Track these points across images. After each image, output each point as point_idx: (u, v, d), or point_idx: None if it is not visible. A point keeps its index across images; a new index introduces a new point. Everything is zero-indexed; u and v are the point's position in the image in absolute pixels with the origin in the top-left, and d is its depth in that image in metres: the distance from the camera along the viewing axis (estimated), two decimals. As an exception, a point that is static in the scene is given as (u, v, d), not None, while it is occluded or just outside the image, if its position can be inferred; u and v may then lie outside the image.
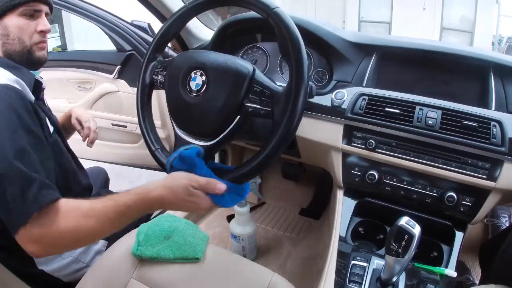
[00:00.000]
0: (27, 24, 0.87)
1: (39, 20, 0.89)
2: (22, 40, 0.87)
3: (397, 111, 0.93)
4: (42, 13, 0.90)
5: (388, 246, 0.69)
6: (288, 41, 0.68)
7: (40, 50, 0.91)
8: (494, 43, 9.32)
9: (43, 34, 0.91)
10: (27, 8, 0.86)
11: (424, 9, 9.31)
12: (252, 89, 0.70)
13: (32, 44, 0.88)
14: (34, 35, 0.89)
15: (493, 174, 0.87)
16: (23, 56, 0.88)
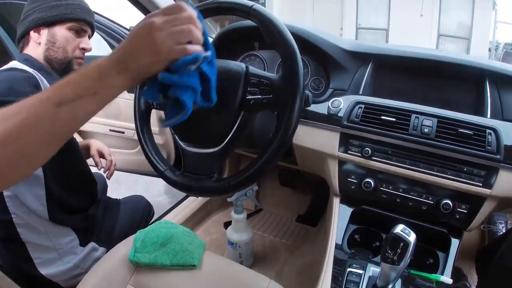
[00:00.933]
0: (73, 38, 0.99)
1: (83, 38, 1.01)
2: (65, 50, 0.98)
3: (393, 119, 0.94)
4: (87, 33, 1.02)
5: (384, 254, 0.70)
6: (273, 31, 0.69)
7: (77, 65, 1.01)
8: (491, 49, 9.40)
9: (84, 51, 1.02)
10: (76, 25, 0.98)
11: (421, 16, 9.39)
12: (249, 82, 0.71)
13: (73, 57, 0.99)
14: (77, 50, 1.00)
15: (488, 181, 0.88)
16: (62, 65, 0.98)
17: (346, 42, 1.14)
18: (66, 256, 1.02)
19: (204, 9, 0.81)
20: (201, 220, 1.67)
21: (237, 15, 0.77)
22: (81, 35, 1.01)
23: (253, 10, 0.72)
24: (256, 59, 1.25)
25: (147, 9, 1.21)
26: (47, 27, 0.96)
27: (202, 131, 0.74)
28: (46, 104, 0.45)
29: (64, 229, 1.02)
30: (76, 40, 0.99)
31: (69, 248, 1.02)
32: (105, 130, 1.84)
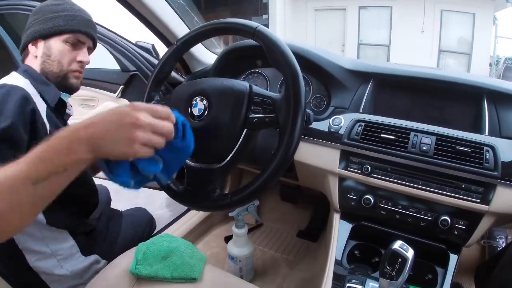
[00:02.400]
0: (69, 51, 0.95)
1: (81, 51, 0.97)
2: (61, 64, 0.95)
3: (392, 137, 0.96)
4: (85, 45, 0.99)
5: (382, 269, 0.71)
6: (276, 52, 0.72)
7: (74, 78, 0.98)
8: (491, 64, 9.44)
9: (82, 64, 0.98)
10: (72, 37, 0.95)
11: (422, 32, 9.47)
12: (252, 101, 0.74)
13: (69, 70, 0.96)
14: (73, 63, 0.96)
15: (486, 197, 0.89)
16: (57, 78, 0.96)
17: (347, 61, 1.17)
18: (66, 263, 1.00)
19: (210, 28, 0.84)
20: (202, 234, 1.68)
21: (241, 35, 0.80)
22: (78, 48, 0.97)
23: (258, 31, 0.75)
24: (259, 76, 1.28)
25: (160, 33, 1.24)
26: (43, 40, 0.95)
27: (206, 147, 0.76)
28: (24, 183, 0.49)
29: (62, 234, 1.00)
30: (72, 53, 0.96)
31: (69, 255, 1.01)
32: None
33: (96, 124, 0.52)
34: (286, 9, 10.49)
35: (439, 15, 9.32)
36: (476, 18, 9.11)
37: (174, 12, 1.24)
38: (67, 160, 0.51)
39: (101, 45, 1.76)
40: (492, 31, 9.41)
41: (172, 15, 1.22)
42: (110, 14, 1.85)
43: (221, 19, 0.82)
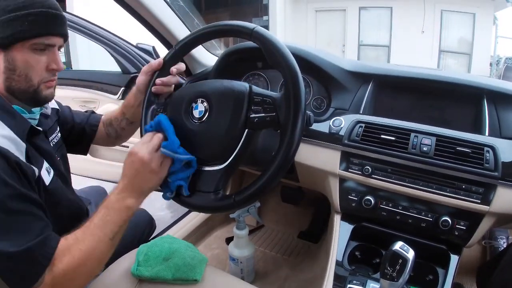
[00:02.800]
0: (36, 60, 0.75)
1: (52, 55, 0.78)
2: (29, 78, 0.75)
3: (393, 138, 0.96)
4: (55, 48, 0.78)
5: (383, 270, 0.71)
6: (274, 52, 0.73)
7: (47, 89, 0.80)
8: (492, 64, 9.44)
9: (54, 72, 0.80)
10: (38, 42, 0.74)
11: (422, 33, 9.47)
12: (253, 101, 0.74)
13: (40, 82, 0.77)
14: (44, 72, 0.77)
15: (486, 198, 0.89)
16: (27, 94, 0.77)
17: (347, 62, 1.18)
18: None
19: (208, 31, 0.84)
20: (203, 235, 1.68)
21: (240, 37, 0.81)
22: (48, 52, 0.77)
23: (255, 32, 0.75)
24: (260, 78, 1.28)
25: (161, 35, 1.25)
26: (3, 51, 0.73)
27: (208, 149, 0.76)
28: (107, 243, 0.72)
29: None
30: (42, 62, 0.76)
31: None
32: (109, 144, 1.87)
33: (127, 182, 0.75)
34: (286, 10, 10.50)
35: (439, 15, 9.32)
36: (476, 18, 9.11)
37: (175, 15, 1.24)
38: (128, 213, 0.75)
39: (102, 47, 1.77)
40: (493, 31, 9.41)
41: (172, 18, 1.23)
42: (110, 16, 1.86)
43: (219, 22, 0.83)
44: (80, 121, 1.07)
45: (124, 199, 0.74)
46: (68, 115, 1.05)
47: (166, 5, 1.20)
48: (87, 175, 1.94)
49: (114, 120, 1.08)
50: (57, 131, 0.95)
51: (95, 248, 0.70)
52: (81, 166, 1.92)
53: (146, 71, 0.92)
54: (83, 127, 1.07)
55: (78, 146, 1.08)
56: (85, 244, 0.69)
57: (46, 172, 0.79)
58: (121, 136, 1.11)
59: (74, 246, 0.69)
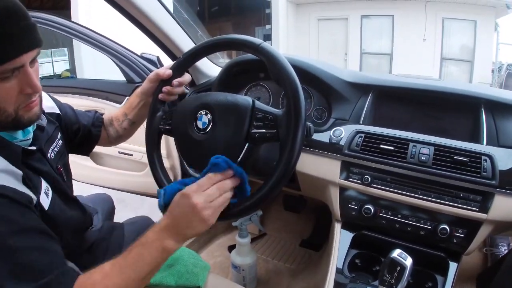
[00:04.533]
0: (4, 89, 0.62)
1: (22, 77, 0.64)
2: (2, 109, 0.64)
3: (391, 147, 0.98)
4: (26, 66, 0.63)
5: (382, 278, 0.73)
6: (278, 67, 0.75)
7: (29, 111, 0.68)
8: (494, 70, 9.44)
9: (30, 95, 0.67)
10: (1, 71, 0.60)
11: (424, 40, 9.50)
12: (255, 116, 0.76)
13: (17, 109, 0.66)
14: (18, 98, 0.65)
15: (484, 206, 0.91)
16: (7, 124, 0.67)
17: (347, 73, 1.20)
18: None
19: (215, 43, 0.87)
20: (206, 243, 1.70)
21: (245, 51, 0.83)
22: (17, 74, 0.63)
23: (261, 47, 0.77)
24: (262, 89, 1.31)
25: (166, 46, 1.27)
26: None
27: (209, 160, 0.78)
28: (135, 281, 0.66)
29: None
30: (12, 89, 0.63)
31: None
32: (114, 152, 1.89)
33: (174, 224, 0.68)
34: (288, 19, 10.57)
35: (441, 23, 9.36)
36: (478, 25, 9.14)
37: (179, 26, 1.27)
38: (164, 256, 0.68)
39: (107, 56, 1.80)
40: (494, 38, 9.42)
41: (177, 29, 1.26)
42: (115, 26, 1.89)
43: (226, 35, 0.85)
44: (86, 122, 1.03)
45: (163, 239, 0.68)
46: (72, 116, 0.99)
47: (171, 17, 1.23)
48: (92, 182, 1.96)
49: (115, 120, 1.07)
50: (58, 139, 0.88)
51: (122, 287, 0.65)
52: (86, 173, 1.94)
53: (152, 79, 0.93)
54: (89, 129, 1.03)
55: (82, 147, 1.05)
56: (112, 281, 0.64)
57: (44, 196, 0.73)
58: (122, 136, 1.09)
59: (100, 282, 0.64)
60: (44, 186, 0.74)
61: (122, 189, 1.90)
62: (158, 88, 0.91)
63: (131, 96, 1.02)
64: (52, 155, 0.84)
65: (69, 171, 0.95)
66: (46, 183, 0.76)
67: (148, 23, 1.17)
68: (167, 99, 0.92)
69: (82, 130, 1.01)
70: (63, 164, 0.90)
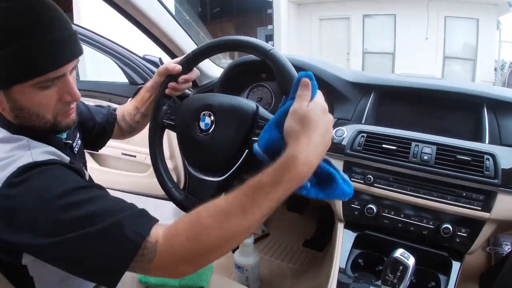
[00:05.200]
0: (45, 97, 0.64)
1: (63, 85, 0.65)
2: (41, 116, 0.66)
3: (394, 147, 0.98)
4: (66, 75, 0.65)
5: (384, 277, 0.73)
6: (285, 77, 0.75)
7: (67, 118, 0.71)
8: (496, 68, 9.40)
9: (69, 103, 0.69)
10: (42, 80, 0.61)
11: (426, 39, 9.48)
12: (257, 124, 0.76)
13: (55, 115, 0.68)
14: (57, 105, 0.67)
15: (487, 205, 0.91)
16: (45, 129, 0.69)
17: (349, 73, 1.20)
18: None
19: (227, 43, 0.86)
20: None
21: (255, 55, 0.82)
22: (57, 82, 0.64)
23: (271, 54, 0.77)
24: (264, 89, 1.31)
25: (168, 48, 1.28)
26: (2, 90, 0.62)
27: (209, 160, 0.79)
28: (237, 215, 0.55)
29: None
30: (52, 97, 0.65)
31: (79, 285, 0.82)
32: (117, 153, 1.89)
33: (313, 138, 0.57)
34: (290, 19, 10.57)
35: (443, 21, 9.33)
36: (480, 23, 9.11)
37: (181, 28, 1.27)
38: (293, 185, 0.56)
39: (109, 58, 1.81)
40: (496, 36, 9.39)
41: (179, 31, 1.26)
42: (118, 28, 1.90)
43: (237, 36, 0.84)
44: (100, 120, 1.02)
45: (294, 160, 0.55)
46: (87, 114, 0.99)
47: (172, 19, 1.23)
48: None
49: (127, 114, 1.07)
50: (77, 138, 0.88)
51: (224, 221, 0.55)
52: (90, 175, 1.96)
53: (161, 72, 0.92)
54: (103, 126, 1.03)
55: (96, 143, 1.06)
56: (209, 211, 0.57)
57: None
58: (135, 129, 1.09)
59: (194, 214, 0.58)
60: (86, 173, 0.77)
61: (125, 190, 1.91)
62: (165, 82, 0.91)
63: (142, 90, 1.02)
64: (75, 153, 0.86)
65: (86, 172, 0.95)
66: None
67: (150, 25, 1.17)
68: (172, 94, 0.92)
69: (97, 127, 1.01)
70: (82, 163, 0.90)
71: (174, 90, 0.91)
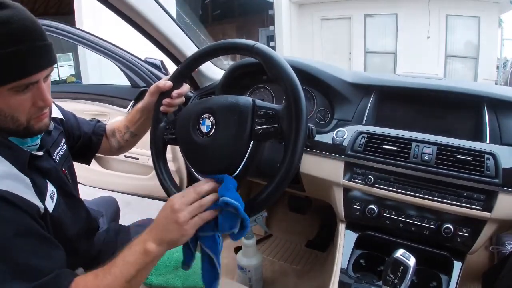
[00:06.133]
0: (19, 100, 0.68)
1: (36, 91, 0.69)
2: (15, 118, 0.69)
3: (394, 148, 0.99)
4: (40, 82, 0.69)
5: (385, 277, 0.74)
6: (273, 65, 0.76)
7: (39, 122, 0.74)
8: (499, 67, 9.37)
9: (42, 108, 0.73)
10: (17, 85, 0.65)
11: (428, 38, 9.46)
12: (257, 113, 0.77)
13: (29, 119, 0.71)
14: (31, 109, 0.70)
15: (488, 205, 0.91)
16: (18, 132, 0.72)
17: (349, 74, 1.21)
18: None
19: (212, 49, 0.88)
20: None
21: (242, 54, 0.84)
22: (32, 88, 0.68)
23: (255, 48, 0.78)
24: (265, 91, 1.32)
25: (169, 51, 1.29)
26: None
27: (216, 162, 0.79)
28: (120, 281, 0.67)
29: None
30: (26, 101, 0.69)
31: None
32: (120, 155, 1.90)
33: (155, 225, 0.71)
34: (292, 20, 10.58)
35: (444, 20, 9.31)
36: (482, 21, 9.08)
37: (182, 31, 1.28)
38: (146, 258, 0.69)
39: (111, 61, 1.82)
40: (498, 34, 9.36)
41: (179, 34, 1.27)
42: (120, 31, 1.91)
43: (220, 41, 0.86)
44: (87, 130, 1.05)
45: (145, 242, 0.70)
46: (74, 123, 1.02)
47: (173, 22, 1.24)
48: (98, 186, 1.99)
49: (117, 131, 1.08)
50: (62, 143, 0.92)
51: (110, 287, 0.67)
52: (92, 177, 1.97)
53: (153, 92, 0.93)
54: (89, 137, 1.05)
55: (83, 155, 1.07)
56: (102, 282, 0.67)
57: (49, 199, 0.76)
58: (124, 147, 1.11)
59: (91, 282, 0.67)
60: (50, 190, 0.77)
61: (128, 192, 1.92)
62: (160, 99, 0.92)
63: (133, 110, 1.03)
64: (57, 158, 0.87)
65: (73, 174, 0.97)
66: (52, 185, 0.78)
67: (151, 29, 1.18)
68: (168, 111, 0.92)
69: (83, 137, 1.03)
70: (68, 167, 0.92)
71: (169, 106, 0.91)
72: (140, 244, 0.70)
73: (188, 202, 0.70)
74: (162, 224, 0.70)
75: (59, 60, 7.63)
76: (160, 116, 0.92)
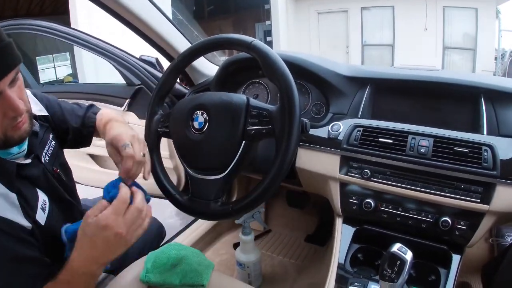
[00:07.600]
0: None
1: (4, 101, 0.61)
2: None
3: (390, 141, 0.98)
4: (5, 91, 0.60)
5: (382, 272, 0.73)
6: (270, 64, 0.75)
7: (18, 130, 0.66)
8: (497, 58, 9.36)
9: (15, 117, 0.64)
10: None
11: (425, 30, 9.43)
12: (250, 113, 0.77)
13: (4, 131, 0.64)
14: (4, 121, 0.63)
15: (486, 197, 0.90)
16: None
17: (344, 67, 1.20)
18: None
19: (210, 43, 0.87)
20: (211, 242, 1.71)
21: (238, 49, 0.84)
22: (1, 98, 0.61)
23: (253, 45, 0.78)
24: (260, 86, 1.31)
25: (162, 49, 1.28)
26: None
27: (207, 159, 0.79)
28: None
29: None
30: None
31: None
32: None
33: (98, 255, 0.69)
34: (288, 14, 10.54)
35: (442, 12, 9.28)
36: (479, 12, 9.05)
37: (175, 29, 1.27)
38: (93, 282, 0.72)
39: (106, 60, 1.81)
40: (496, 25, 9.34)
41: (172, 31, 1.26)
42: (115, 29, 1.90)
43: (218, 35, 0.86)
44: (75, 124, 0.97)
45: (94, 270, 0.70)
46: (60, 116, 0.94)
47: (166, 19, 1.23)
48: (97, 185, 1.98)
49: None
50: (50, 140, 0.85)
51: None
52: (90, 176, 1.96)
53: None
54: (79, 131, 0.98)
55: (79, 144, 1.02)
56: None
57: (41, 212, 0.72)
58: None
59: None
60: (41, 200, 0.74)
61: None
62: (156, 92, 0.92)
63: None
64: (47, 158, 0.82)
65: (67, 170, 0.93)
66: (43, 194, 0.75)
67: (144, 27, 1.17)
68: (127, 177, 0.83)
69: (72, 130, 0.97)
70: (59, 164, 0.88)
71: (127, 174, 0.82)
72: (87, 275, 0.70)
73: (131, 223, 0.71)
74: (109, 252, 0.70)
75: (56, 60, 7.62)
76: (156, 108, 0.92)
